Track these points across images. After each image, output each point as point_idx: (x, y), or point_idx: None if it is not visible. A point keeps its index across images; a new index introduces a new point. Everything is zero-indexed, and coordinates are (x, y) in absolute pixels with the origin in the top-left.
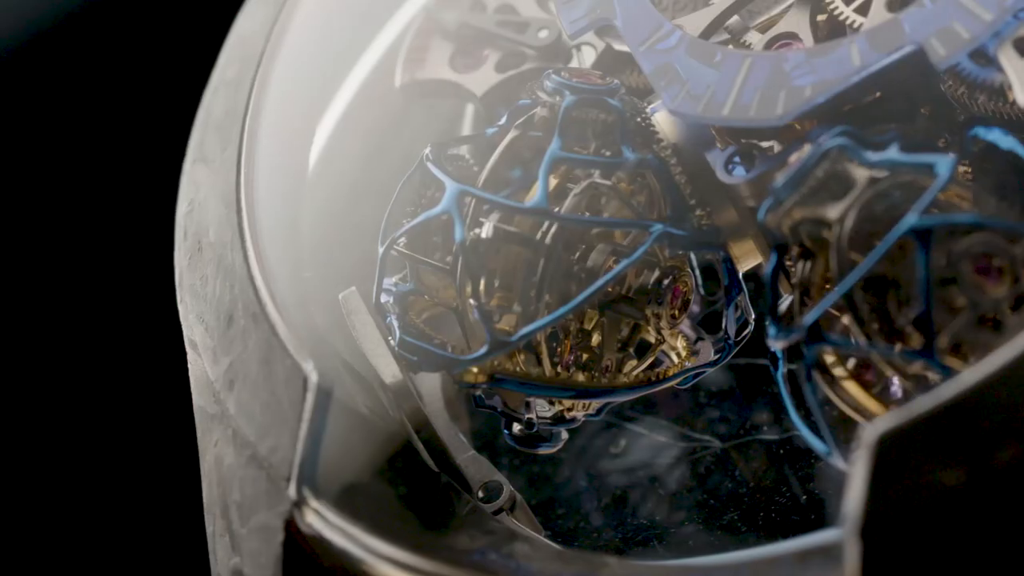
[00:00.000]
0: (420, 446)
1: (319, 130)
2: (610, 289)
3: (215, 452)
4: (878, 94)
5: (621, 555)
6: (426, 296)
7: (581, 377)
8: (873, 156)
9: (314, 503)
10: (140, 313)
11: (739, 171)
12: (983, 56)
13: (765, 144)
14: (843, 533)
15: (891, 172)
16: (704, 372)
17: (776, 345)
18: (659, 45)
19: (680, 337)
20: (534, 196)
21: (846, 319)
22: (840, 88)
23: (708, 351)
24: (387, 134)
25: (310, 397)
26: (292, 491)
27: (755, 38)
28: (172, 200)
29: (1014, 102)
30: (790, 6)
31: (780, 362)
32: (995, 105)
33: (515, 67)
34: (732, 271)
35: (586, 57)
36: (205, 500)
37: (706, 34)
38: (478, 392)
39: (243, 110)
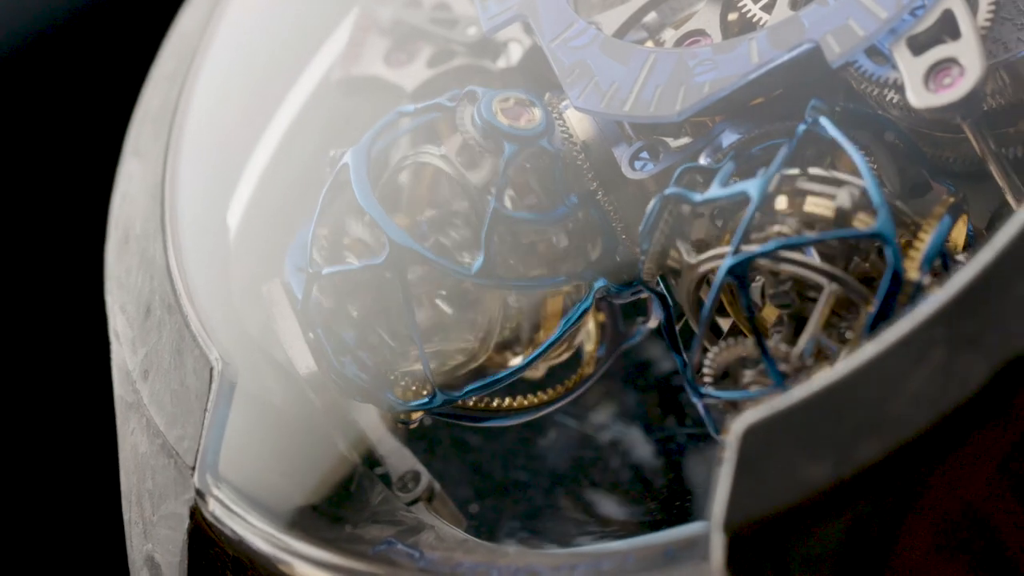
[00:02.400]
0: (339, 437)
1: (250, 126)
2: None
3: (132, 441)
4: (780, 91)
5: (527, 543)
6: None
7: (515, 402)
8: (699, 197)
9: (216, 492)
10: (72, 304)
11: (645, 167)
12: (881, 54)
13: (680, 141)
14: (709, 525)
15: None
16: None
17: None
18: (573, 42)
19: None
20: (478, 261)
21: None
22: (736, 85)
23: (615, 322)
24: (324, 130)
25: (214, 387)
26: (195, 480)
27: (671, 35)
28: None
29: None
30: (703, 4)
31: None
32: (906, 102)
33: (445, 63)
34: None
35: (513, 54)
36: (123, 488)
37: (622, 31)
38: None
39: (175, 105)
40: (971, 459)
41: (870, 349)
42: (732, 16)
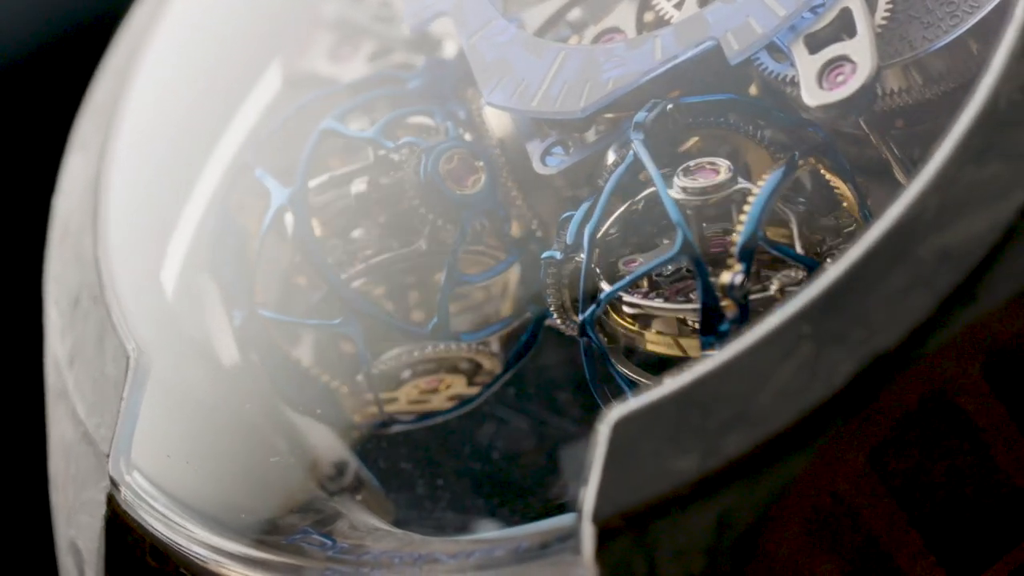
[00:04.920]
0: (264, 426)
1: (187, 120)
2: None
3: (60, 429)
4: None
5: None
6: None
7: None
8: (558, 255)
9: (128, 479)
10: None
11: (555, 162)
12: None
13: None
14: (580, 517)
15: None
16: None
17: None
18: (496, 38)
19: None
20: (432, 322)
21: None
22: (637, 82)
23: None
24: (261, 125)
25: (130, 376)
26: (109, 467)
27: (591, 32)
28: None
29: None
30: (623, 2)
31: None
32: None
33: (383, 58)
34: None
35: (447, 50)
36: (50, 474)
37: (545, 27)
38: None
39: (115, 99)
40: (838, 453)
41: (737, 344)
42: (648, 15)
